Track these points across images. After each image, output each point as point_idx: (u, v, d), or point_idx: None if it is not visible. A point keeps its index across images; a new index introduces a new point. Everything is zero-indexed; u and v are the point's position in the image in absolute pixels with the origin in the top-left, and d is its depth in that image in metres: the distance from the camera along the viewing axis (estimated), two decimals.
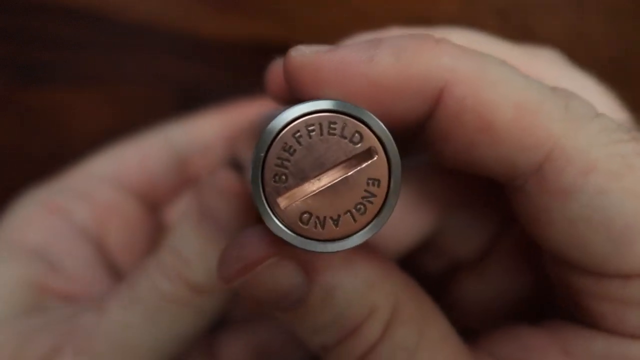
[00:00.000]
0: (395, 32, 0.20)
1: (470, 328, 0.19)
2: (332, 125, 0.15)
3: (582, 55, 0.34)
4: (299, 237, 0.15)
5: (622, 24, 0.34)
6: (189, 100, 0.33)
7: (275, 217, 0.15)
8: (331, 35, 0.34)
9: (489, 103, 0.16)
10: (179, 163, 0.28)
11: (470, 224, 0.23)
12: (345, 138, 0.15)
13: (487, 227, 0.23)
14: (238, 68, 0.33)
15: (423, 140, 0.18)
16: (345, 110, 0.15)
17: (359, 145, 0.15)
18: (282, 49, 0.35)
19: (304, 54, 0.17)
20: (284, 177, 0.15)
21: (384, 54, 0.16)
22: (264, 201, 0.15)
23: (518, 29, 0.34)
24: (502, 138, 0.16)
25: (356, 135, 0.15)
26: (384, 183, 0.15)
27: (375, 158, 0.15)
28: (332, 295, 0.17)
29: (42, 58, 0.33)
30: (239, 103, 0.28)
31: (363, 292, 0.17)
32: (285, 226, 0.15)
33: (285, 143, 0.15)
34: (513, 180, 0.17)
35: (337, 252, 0.15)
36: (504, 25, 0.33)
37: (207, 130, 0.28)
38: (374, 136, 0.15)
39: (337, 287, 0.17)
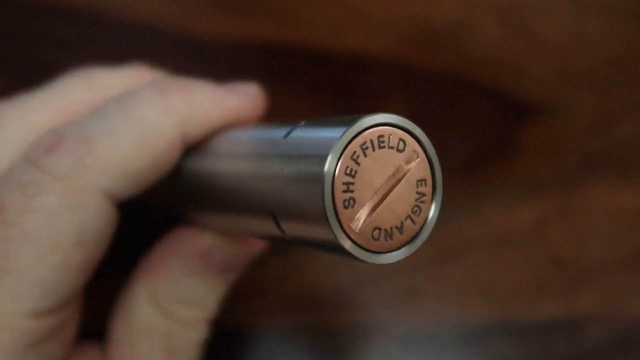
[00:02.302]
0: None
1: None
2: (380, 139, 0.16)
3: (582, 55, 0.34)
4: (375, 254, 0.16)
5: (622, 24, 0.34)
6: None
7: (354, 242, 0.15)
8: (331, 35, 0.34)
9: None
10: None
11: None
12: (393, 148, 0.16)
13: None
14: (238, 68, 0.33)
15: None
16: (388, 121, 0.16)
17: (405, 151, 0.16)
18: (282, 49, 0.35)
19: None
20: (352, 200, 0.15)
21: None
22: (343, 231, 0.15)
23: (518, 29, 0.34)
24: None
25: (400, 142, 0.16)
26: (429, 180, 0.16)
27: (419, 159, 0.16)
28: None
29: (42, 58, 0.33)
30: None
31: None
32: (362, 247, 0.16)
33: (347, 167, 0.15)
34: None
35: (409, 255, 0.16)
36: (503, 25, 0.33)
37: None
38: (413, 140, 0.16)
39: None
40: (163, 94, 0.21)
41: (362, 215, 0.15)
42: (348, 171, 0.15)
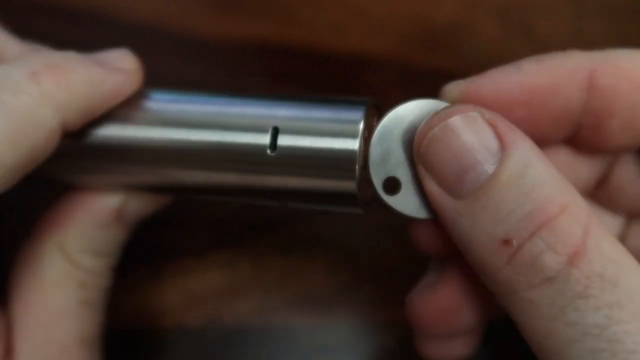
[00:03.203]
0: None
1: None
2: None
3: None
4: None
5: (622, 24, 0.34)
6: None
7: (367, 205, 0.21)
8: (331, 35, 0.34)
9: None
10: None
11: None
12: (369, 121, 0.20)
13: None
14: (238, 68, 0.33)
15: (580, 133, 0.19)
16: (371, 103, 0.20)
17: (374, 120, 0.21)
18: (282, 49, 0.35)
19: (458, 84, 0.19)
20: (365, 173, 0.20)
21: (527, 61, 0.18)
22: (363, 204, 0.20)
23: (518, 29, 0.34)
24: None
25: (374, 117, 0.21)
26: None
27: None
28: (523, 174, 0.16)
29: None
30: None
31: (555, 182, 0.16)
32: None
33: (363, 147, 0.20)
34: None
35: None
36: (503, 25, 0.33)
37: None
38: (374, 109, 0.21)
39: (530, 166, 0.16)
40: (36, 78, 0.19)
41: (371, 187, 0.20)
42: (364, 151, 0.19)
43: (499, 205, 0.16)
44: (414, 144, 0.18)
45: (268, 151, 0.20)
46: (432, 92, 0.24)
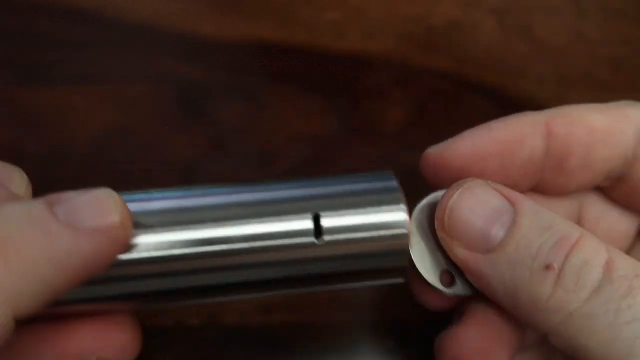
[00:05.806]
0: None
1: None
2: None
3: (582, 55, 0.34)
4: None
5: (622, 24, 0.34)
6: (189, 100, 0.33)
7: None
8: (331, 35, 0.34)
9: None
10: None
11: None
12: None
13: None
14: (238, 68, 0.33)
15: None
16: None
17: None
18: (282, 49, 0.35)
19: (438, 147, 0.21)
20: None
21: (495, 121, 0.21)
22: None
23: (517, 29, 0.34)
24: None
25: None
26: None
27: None
28: (538, 218, 0.19)
29: (42, 58, 0.33)
30: None
31: (562, 219, 0.19)
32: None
33: None
34: None
35: None
36: (503, 26, 0.33)
37: None
38: None
39: (539, 212, 0.19)
40: None
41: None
42: None
43: (529, 245, 0.18)
44: (437, 218, 0.20)
45: (315, 240, 0.18)
46: (431, 92, 0.24)
